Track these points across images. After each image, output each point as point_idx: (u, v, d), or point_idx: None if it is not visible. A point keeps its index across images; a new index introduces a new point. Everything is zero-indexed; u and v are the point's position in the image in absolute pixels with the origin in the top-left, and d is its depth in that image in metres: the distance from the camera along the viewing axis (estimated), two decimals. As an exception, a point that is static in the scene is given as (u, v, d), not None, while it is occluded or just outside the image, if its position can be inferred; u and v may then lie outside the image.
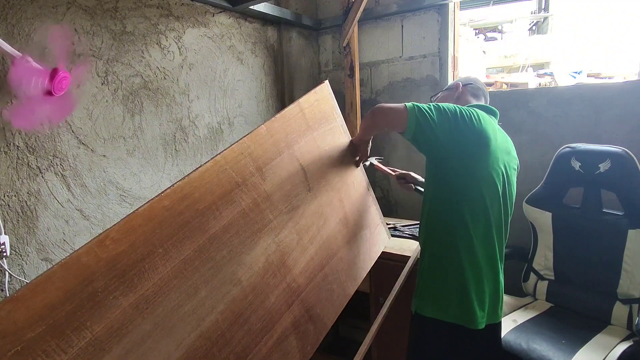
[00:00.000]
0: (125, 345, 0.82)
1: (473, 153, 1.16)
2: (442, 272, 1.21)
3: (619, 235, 1.61)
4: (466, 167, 1.16)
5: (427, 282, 1.26)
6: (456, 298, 1.18)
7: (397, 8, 2.30)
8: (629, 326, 1.56)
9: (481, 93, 1.41)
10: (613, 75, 3.03)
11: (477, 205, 1.17)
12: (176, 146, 1.85)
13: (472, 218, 1.17)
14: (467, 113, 1.15)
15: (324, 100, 1.39)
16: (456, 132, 1.13)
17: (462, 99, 1.38)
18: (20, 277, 1.33)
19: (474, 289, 1.18)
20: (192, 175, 0.96)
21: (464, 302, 1.18)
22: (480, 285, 1.19)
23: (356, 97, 2.42)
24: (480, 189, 1.16)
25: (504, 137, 1.27)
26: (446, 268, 1.21)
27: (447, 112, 1.14)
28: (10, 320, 0.68)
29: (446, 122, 1.13)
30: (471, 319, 1.17)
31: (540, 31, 5.17)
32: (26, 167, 1.34)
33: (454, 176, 1.18)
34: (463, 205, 1.17)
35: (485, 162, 1.16)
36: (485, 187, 1.17)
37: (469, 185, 1.17)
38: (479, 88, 1.42)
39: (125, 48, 1.61)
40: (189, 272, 0.94)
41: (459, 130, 1.13)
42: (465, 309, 1.18)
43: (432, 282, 1.24)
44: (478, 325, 1.18)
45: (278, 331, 1.15)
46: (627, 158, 1.60)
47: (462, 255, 1.17)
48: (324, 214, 1.36)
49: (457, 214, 1.17)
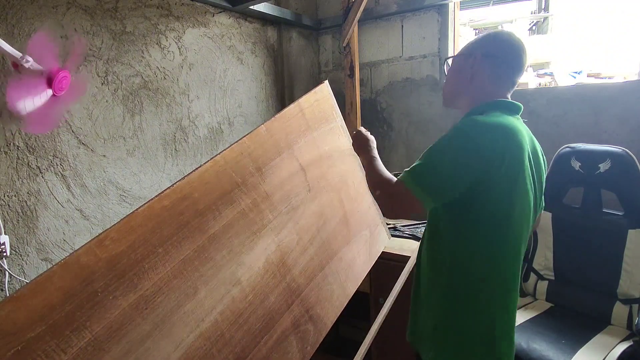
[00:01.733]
0: (125, 346, 0.82)
1: (511, 182, 0.88)
2: None
3: (619, 235, 1.61)
4: (506, 205, 0.89)
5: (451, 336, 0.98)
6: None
7: (397, 8, 2.30)
8: (629, 326, 1.56)
9: (510, 74, 0.98)
10: (613, 75, 3.02)
11: (513, 246, 0.94)
12: (176, 146, 1.85)
13: (505, 263, 0.93)
14: (473, 143, 0.85)
15: (323, 100, 1.39)
16: (477, 176, 0.85)
17: (478, 83, 0.99)
18: (20, 277, 1.33)
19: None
20: (191, 176, 0.96)
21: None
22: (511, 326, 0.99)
23: (356, 97, 2.42)
24: (519, 226, 0.93)
25: (531, 138, 1.01)
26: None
27: (458, 156, 0.86)
28: (10, 320, 0.68)
29: (457, 169, 0.86)
30: None
31: (540, 31, 5.17)
32: (26, 167, 1.34)
33: (484, 219, 0.90)
34: (496, 248, 0.92)
35: (525, 194, 0.92)
36: (525, 221, 0.94)
37: (503, 226, 0.91)
38: (507, 68, 0.97)
39: (125, 48, 1.60)
40: (188, 272, 0.94)
41: (480, 172, 0.85)
42: None
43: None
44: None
45: (278, 331, 1.15)
46: (627, 158, 1.60)
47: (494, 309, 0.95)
48: (323, 214, 1.36)
49: (491, 261, 0.93)
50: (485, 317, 0.95)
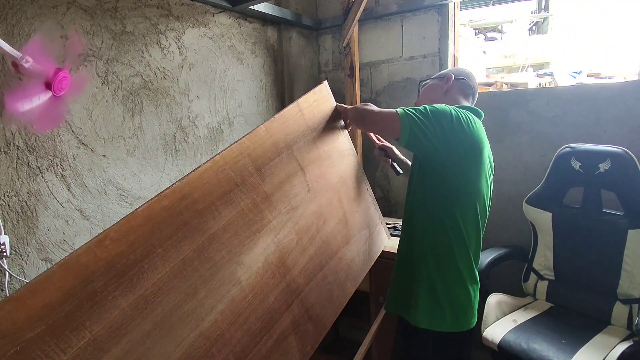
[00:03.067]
0: (125, 346, 0.82)
1: (468, 160, 1.13)
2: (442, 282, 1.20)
3: (619, 235, 1.61)
4: (461, 175, 1.14)
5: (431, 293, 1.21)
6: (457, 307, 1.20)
7: (397, 8, 2.30)
8: (629, 326, 1.56)
9: (471, 92, 1.34)
10: (613, 75, 3.03)
11: (471, 214, 1.17)
12: (176, 146, 1.85)
13: (466, 228, 1.16)
14: (464, 117, 1.11)
15: (323, 101, 1.39)
16: (452, 138, 1.09)
17: (451, 95, 1.31)
18: (20, 277, 1.34)
19: (473, 296, 1.21)
20: (191, 176, 0.96)
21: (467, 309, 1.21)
22: (475, 291, 1.22)
23: (356, 97, 2.42)
24: (473, 200, 1.16)
25: (487, 143, 1.25)
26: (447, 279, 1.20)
27: (441, 116, 1.09)
28: (10, 321, 0.68)
29: (439, 128, 1.08)
30: (468, 323, 1.21)
31: (540, 31, 5.17)
32: (26, 167, 1.35)
33: (449, 185, 1.15)
34: (456, 211, 1.15)
35: (477, 170, 1.15)
36: (478, 199, 1.17)
37: (463, 195, 1.15)
38: (470, 86, 1.33)
39: (125, 48, 1.61)
40: (188, 272, 0.94)
41: (454, 135, 1.09)
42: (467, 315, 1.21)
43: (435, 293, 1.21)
44: (471, 325, 1.22)
45: (277, 331, 1.15)
46: (627, 158, 1.60)
47: (461, 269, 1.18)
48: (323, 214, 1.36)
49: (452, 222, 1.16)
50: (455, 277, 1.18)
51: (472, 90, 1.34)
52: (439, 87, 1.33)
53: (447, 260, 1.17)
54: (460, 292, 1.18)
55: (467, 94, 1.32)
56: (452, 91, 1.31)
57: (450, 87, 1.31)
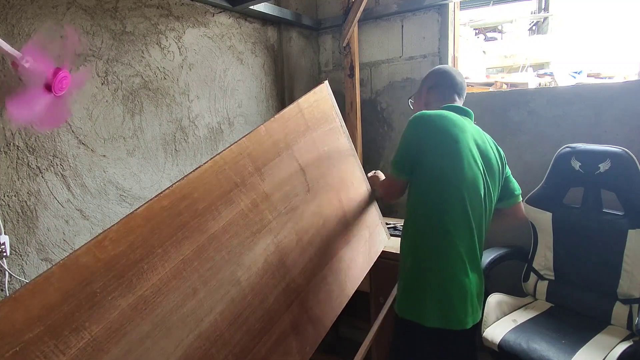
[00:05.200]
0: (124, 346, 0.82)
1: (441, 150, 1.18)
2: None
3: (619, 235, 1.61)
4: (438, 166, 1.18)
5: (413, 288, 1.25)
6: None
7: (397, 8, 2.30)
8: (629, 326, 1.56)
9: (451, 91, 1.36)
10: (613, 75, 3.03)
11: (459, 209, 1.18)
12: (176, 146, 1.85)
13: (453, 223, 1.18)
14: (425, 121, 1.21)
15: (323, 101, 1.39)
16: (417, 142, 1.22)
17: (431, 106, 1.37)
18: (20, 277, 1.33)
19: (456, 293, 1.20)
20: (191, 176, 0.96)
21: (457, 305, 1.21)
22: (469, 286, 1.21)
23: (356, 97, 2.42)
24: (461, 193, 1.18)
25: (481, 136, 1.27)
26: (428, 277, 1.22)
27: (405, 145, 1.25)
28: (9, 321, 0.68)
29: (407, 154, 1.24)
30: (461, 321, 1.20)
31: (540, 31, 5.17)
32: (26, 167, 1.34)
33: (429, 178, 1.21)
34: (443, 208, 1.18)
35: (458, 159, 1.17)
36: (466, 191, 1.18)
37: (448, 187, 1.18)
38: (445, 88, 1.36)
39: (125, 48, 1.61)
40: (188, 272, 0.94)
41: (418, 139, 1.21)
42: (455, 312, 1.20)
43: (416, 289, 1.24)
44: (466, 325, 1.20)
45: (277, 332, 1.15)
46: (627, 158, 1.60)
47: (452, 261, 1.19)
48: (323, 215, 1.36)
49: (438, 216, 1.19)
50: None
51: (452, 89, 1.36)
52: (419, 102, 1.45)
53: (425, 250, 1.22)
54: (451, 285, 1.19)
55: (446, 96, 1.36)
56: (430, 102, 1.39)
57: (428, 99, 1.40)
